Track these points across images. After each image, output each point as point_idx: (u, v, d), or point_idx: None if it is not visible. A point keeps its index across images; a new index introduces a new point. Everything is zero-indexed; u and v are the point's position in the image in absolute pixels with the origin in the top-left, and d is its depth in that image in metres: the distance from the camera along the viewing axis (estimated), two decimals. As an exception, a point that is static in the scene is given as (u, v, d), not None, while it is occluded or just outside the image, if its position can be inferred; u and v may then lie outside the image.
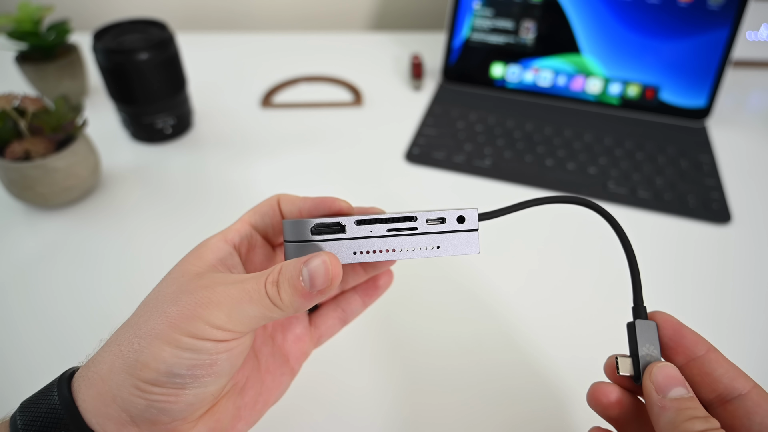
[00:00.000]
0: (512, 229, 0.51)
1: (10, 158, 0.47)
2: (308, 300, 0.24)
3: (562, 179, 0.57)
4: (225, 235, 0.27)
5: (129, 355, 0.23)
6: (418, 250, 0.26)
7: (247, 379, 0.28)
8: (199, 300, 0.23)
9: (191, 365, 0.22)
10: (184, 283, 0.24)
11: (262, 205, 0.29)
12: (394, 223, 0.25)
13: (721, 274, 0.48)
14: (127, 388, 0.22)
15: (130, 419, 0.23)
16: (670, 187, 0.56)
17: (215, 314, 0.23)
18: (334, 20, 0.91)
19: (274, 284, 0.23)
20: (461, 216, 0.26)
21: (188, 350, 0.22)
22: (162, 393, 0.22)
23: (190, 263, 0.26)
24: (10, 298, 0.45)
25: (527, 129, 0.64)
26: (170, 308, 0.23)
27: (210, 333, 0.22)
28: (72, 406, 0.23)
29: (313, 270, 0.23)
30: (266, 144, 0.62)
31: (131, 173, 0.57)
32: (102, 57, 0.54)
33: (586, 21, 0.64)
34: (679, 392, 0.23)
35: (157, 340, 0.22)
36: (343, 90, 0.72)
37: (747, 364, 0.41)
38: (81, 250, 0.49)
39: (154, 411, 0.23)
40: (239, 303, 0.23)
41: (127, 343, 0.23)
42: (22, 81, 0.66)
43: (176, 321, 0.22)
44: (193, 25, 0.89)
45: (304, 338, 0.31)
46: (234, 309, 0.23)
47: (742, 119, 0.67)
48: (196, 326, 0.22)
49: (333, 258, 0.24)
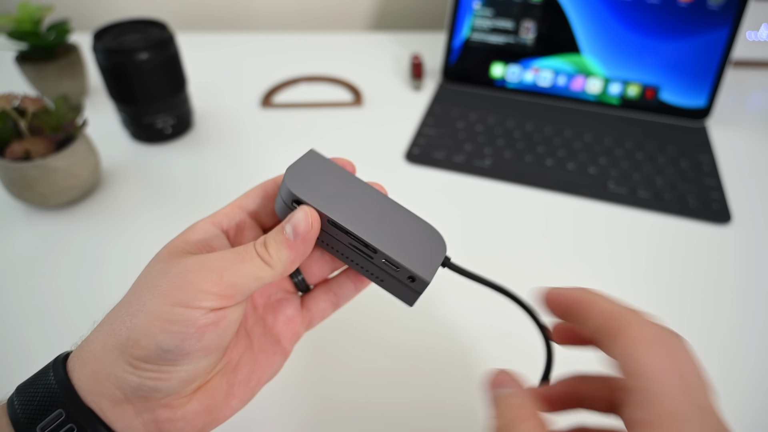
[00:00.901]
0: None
1: (10, 158, 0.47)
2: (294, 251, 0.25)
3: (562, 179, 0.57)
4: (213, 218, 0.28)
5: (121, 333, 0.23)
6: (366, 272, 0.28)
7: (240, 357, 0.28)
8: (188, 267, 0.24)
9: (180, 339, 0.23)
10: (172, 260, 0.25)
11: (256, 189, 0.29)
12: (357, 242, 0.26)
13: (721, 274, 0.48)
14: (119, 365, 0.23)
15: (124, 396, 0.23)
16: (670, 187, 0.56)
17: (207, 276, 0.23)
18: (334, 20, 0.91)
19: (262, 244, 0.25)
20: (412, 276, 0.26)
21: (177, 323, 0.22)
22: (154, 370, 0.23)
23: (176, 245, 0.26)
24: (11, 298, 0.45)
25: (527, 129, 0.64)
26: (160, 281, 0.23)
27: (201, 299, 0.23)
28: (68, 385, 0.23)
29: (294, 221, 0.25)
30: (266, 144, 0.62)
31: (131, 173, 0.57)
32: (102, 57, 0.54)
33: (586, 21, 0.64)
34: (501, 392, 0.23)
35: (148, 315, 0.23)
36: (343, 90, 0.72)
37: (747, 364, 0.41)
38: (81, 250, 0.49)
39: (147, 388, 0.23)
40: (232, 263, 0.24)
41: (119, 321, 0.23)
42: (22, 81, 0.66)
43: (167, 292, 0.23)
44: (193, 25, 0.89)
45: (295, 320, 0.31)
46: (225, 270, 0.23)
47: (742, 119, 0.67)
48: (186, 294, 0.23)
49: (311, 210, 0.25)
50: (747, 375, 0.40)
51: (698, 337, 0.43)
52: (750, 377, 0.40)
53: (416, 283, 0.27)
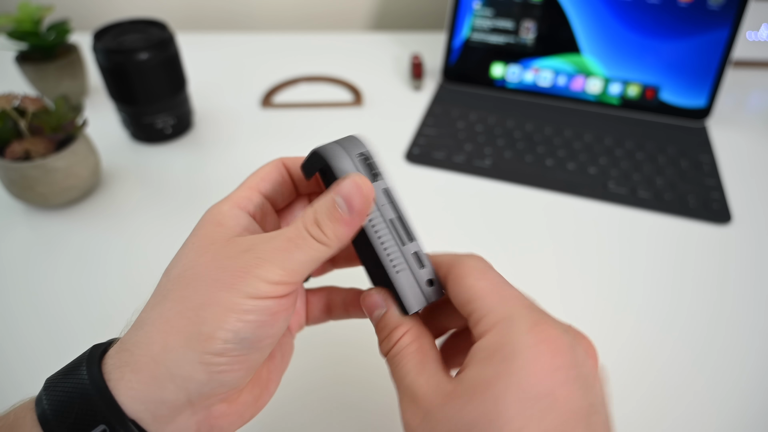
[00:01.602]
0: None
1: (10, 158, 0.47)
2: (350, 227, 0.23)
3: (562, 179, 0.57)
4: (235, 201, 0.26)
5: (187, 329, 0.21)
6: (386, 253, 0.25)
7: None
8: (248, 261, 0.22)
9: (256, 326, 0.22)
10: (220, 250, 0.23)
11: (271, 172, 0.28)
12: (400, 222, 0.25)
13: (721, 274, 0.48)
14: (188, 364, 0.21)
15: (187, 399, 0.22)
16: (670, 187, 0.56)
17: (270, 270, 0.22)
18: (334, 20, 0.91)
19: (314, 224, 0.23)
20: (431, 280, 0.26)
21: (252, 312, 0.22)
22: (227, 363, 0.22)
23: (212, 231, 0.25)
24: (11, 298, 0.45)
25: (527, 129, 0.64)
26: (219, 275, 0.22)
27: (269, 290, 0.22)
28: (109, 397, 0.21)
29: (345, 193, 0.23)
30: (266, 144, 0.62)
31: (131, 173, 0.57)
32: (102, 57, 0.54)
33: (586, 21, 0.64)
34: (377, 315, 0.26)
35: (218, 307, 0.21)
36: (343, 90, 0.72)
37: (746, 364, 0.41)
38: (81, 250, 0.49)
39: (215, 384, 0.22)
40: (288, 252, 0.23)
41: (178, 317, 0.22)
42: (22, 81, 0.66)
43: (232, 284, 0.22)
44: (193, 25, 0.89)
45: (301, 313, 0.31)
46: (285, 260, 0.22)
47: (742, 119, 0.67)
48: (254, 286, 0.22)
49: (360, 176, 0.23)
50: (747, 375, 0.40)
51: (698, 336, 0.43)
52: (750, 377, 0.40)
53: (433, 288, 0.25)
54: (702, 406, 0.38)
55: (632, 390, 0.39)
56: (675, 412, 0.38)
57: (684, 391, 0.39)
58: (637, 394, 0.39)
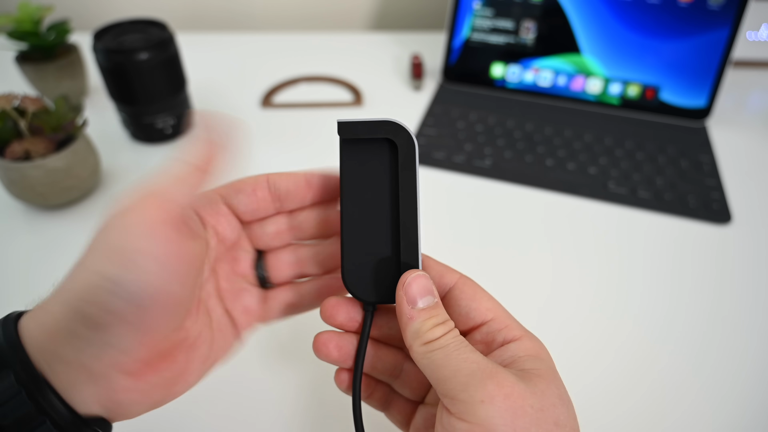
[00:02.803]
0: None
1: (10, 158, 0.47)
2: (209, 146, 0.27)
3: (562, 179, 0.57)
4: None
5: (75, 286, 0.22)
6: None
7: (199, 333, 0.27)
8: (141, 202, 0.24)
9: (136, 277, 0.22)
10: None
11: (242, 182, 0.29)
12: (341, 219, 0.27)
13: (721, 274, 0.48)
14: (73, 318, 0.22)
15: (78, 358, 0.22)
16: (670, 187, 0.56)
17: (153, 207, 0.24)
18: (334, 20, 0.91)
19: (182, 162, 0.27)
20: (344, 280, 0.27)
21: (132, 255, 0.22)
22: (105, 316, 0.22)
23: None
24: (11, 298, 0.45)
25: (527, 129, 0.64)
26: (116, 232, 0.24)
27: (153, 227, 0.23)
28: (19, 347, 0.22)
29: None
30: (266, 144, 0.62)
31: (131, 173, 0.57)
32: (102, 57, 0.54)
33: (587, 21, 0.64)
34: (427, 301, 0.24)
35: (104, 258, 0.22)
36: (343, 90, 0.72)
37: (746, 364, 0.41)
38: (81, 250, 0.49)
39: (99, 341, 0.22)
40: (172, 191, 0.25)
41: (73, 278, 0.23)
42: (22, 81, 0.66)
43: (120, 240, 0.23)
44: (193, 25, 0.89)
45: (252, 312, 0.30)
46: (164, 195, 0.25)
47: (742, 119, 0.67)
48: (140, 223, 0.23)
49: (207, 113, 0.26)
50: (746, 375, 0.40)
51: (698, 336, 0.43)
52: (749, 377, 0.40)
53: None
54: (701, 406, 0.38)
55: (631, 390, 0.39)
56: (674, 413, 0.38)
57: (683, 392, 0.39)
58: (636, 394, 0.39)
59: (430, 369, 0.23)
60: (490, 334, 0.25)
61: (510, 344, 0.25)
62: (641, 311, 0.44)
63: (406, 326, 0.24)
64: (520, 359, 0.24)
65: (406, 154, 0.27)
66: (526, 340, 0.25)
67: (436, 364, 0.23)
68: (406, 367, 0.28)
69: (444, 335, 0.23)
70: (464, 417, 0.21)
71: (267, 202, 0.29)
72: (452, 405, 0.22)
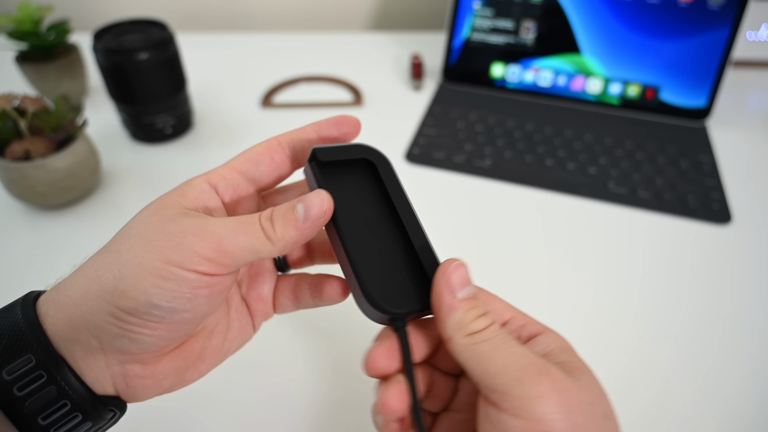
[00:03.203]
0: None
1: (10, 158, 0.47)
2: (300, 232, 0.23)
3: (562, 179, 0.57)
4: (208, 177, 0.26)
5: (107, 281, 0.22)
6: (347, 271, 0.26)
7: (217, 323, 0.28)
8: (188, 228, 0.22)
9: (171, 298, 0.22)
10: (168, 215, 0.23)
11: (260, 153, 0.28)
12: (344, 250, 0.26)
13: (721, 274, 0.48)
14: (101, 314, 0.22)
15: (99, 346, 0.22)
16: (670, 187, 0.56)
17: (205, 242, 0.22)
18: (334, 20, 0.91)
19: (268, 218, 0.23)
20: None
21: (171, 281, 0.22)
22: (137, 324, 0.22)
23: (173, 198, 0.25)
24: (11, 298, 0.44)
25: (527, 129, 0.64)
26: (156, 236, 0.22)
27: (196, 263, 0.22)
28: (39, 329, 0.22)
29: (308, 203, 0.24)
30: (266, 144, 0.62)
31: (131, 173, 0.57)
32: (102, 57, 0.54)
33: (586, 21, 0.64)
34: (469, 291, 0.24)
35: (139, 268, 0.22)
36: (343, 90, 0.72)
37: (745, 364, 0.41)
38: (81, 251, 0.48)
39: (126, 341, 0.22)
40: (233, 232, 0.23)
41: (105, 268, 0.22)
42: (22, 81, 0.66)
43: (162, 249, 0.22)
44: (193, 25, 0.89)
45: (267, 300, 0.30)
46: (225, 238, 0.22)
47: (742, 119, 0.67)
48: (182, 255, 0.22)
49: (328, 196, 0.24)
50: (746, 374, 0.40)
51: (698, 336, 0.43)
52: (749, 377, 0.40)
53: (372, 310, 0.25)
54: (700, 406, 0.38)
55: (630, 390, 0.39)
56: (673, 413, 0.38)
57: (682, 392, 0.39)
58: (635, 394, 0.39)
59: (475, 362, 0.22)
60: (514, 331, 0.25)
61: (537, 337, 0.24)
62: (641, 311, 0.44)
63: (446, 316, 0.23)
64: (552, 351, 0.24)
65: (384, 167, 0.27)
66: (550, 333, 0.25)
67: (482, 357, 0.22)
68: (436, 377, 0.27)
69: (488, 327, 0.23)
70: (519, 413, 0.20)
71: (286, 165, 0.28)
72: (503, 401, 0.21)
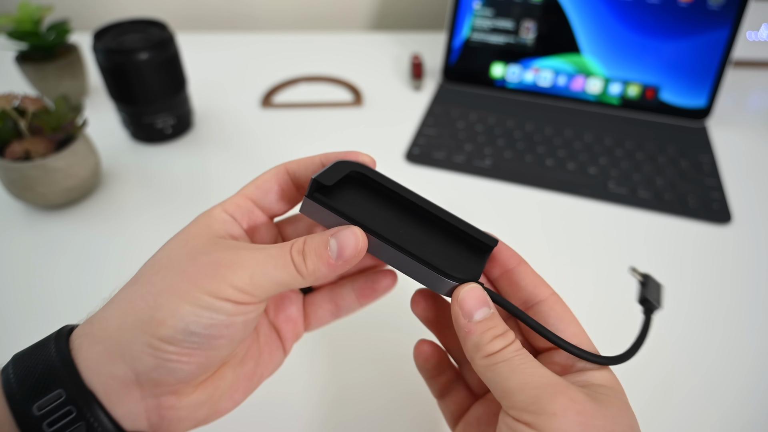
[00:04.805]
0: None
1: (10, 158, 0.47)
2: (332, 270, 0.24)
3: (562, 179, 0.57)
4: (224, 206, 0.27)
5: (143, 312, 0.22)
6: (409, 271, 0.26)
7: (247, 349, 0.28)
8: (221, 260, 0.23)
9: (209, 324, 0.22)
10: (199, 245, 0.24)
11: (268, 180, 0.28)
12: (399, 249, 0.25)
13: (721, 274, 0.48)
14: (138, 345, 0.22)
15: (135, 378, 0.22)
16: (670, 187, 0.56)
17: (239, 275, 0.22)
18: (334, 20, 0.91)
19: (299, 252, 0.24)
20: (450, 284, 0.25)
21: (207, 309, 0.22)
22: (175, 352, 0.22)
23: (199, 228, 0.25)
24: (11, 298, 0.45)
25: (527, 129, 0.64)
26: (189, 267, 0.23)
27: (231, 294, 0.22)
28: (70, 363, 0.22)
29: (342, 242, 0.24)
30: (266, 144, 0.62)
31: (131, 173, 0.57)
32: (102, 57, 0.54)
33: (587, 21, 0.64)
34: (483, 313, 0.24)
35: (175, 296, 0.22)
36: (343, 90, 0.72)
37: (746, 364, 0.41)
38: (81, 251, 0.49)
39: (163, 371, 0.22)
40: (264, 266, 0.23)
41: (139, 299, 0.23)
42: (22, 81, 0.66)
43: (196, 279, 0.22)
44: (193, 25, 0.89)
45: (297, 320, 0.30)
46: (258, 272, 0.23)
47: (742, 119, 0.67)
48: (217, 285, 0.22)
49: (361, 232, 0.24)
50: (746, 374, 0.40)
51: (698, 336, 0.43)
52: (749, 377, 0.40)
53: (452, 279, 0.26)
54: (700, 406, 0.38)
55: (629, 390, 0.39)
56: (673, 413, 0.38)
57: (683, 392, 0.39)
58: (635, 395, 0.39)
59: (495, 382, 0.23)
60: (571, 358, 0.25)
61: (588, 372, 0.25)
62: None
63: (465, 340, 0.24)
64: (593, 386, 0.24)
65: (373, 172, 0.27)
66: (605, 372, 0.25)
67: (501, 377, 0.22)
68: None
69: (506, 347, 0.23)
70: (535, 427, 0.21)
71: (293, 192, 0.29)
72: (521, 416, 0.21)
